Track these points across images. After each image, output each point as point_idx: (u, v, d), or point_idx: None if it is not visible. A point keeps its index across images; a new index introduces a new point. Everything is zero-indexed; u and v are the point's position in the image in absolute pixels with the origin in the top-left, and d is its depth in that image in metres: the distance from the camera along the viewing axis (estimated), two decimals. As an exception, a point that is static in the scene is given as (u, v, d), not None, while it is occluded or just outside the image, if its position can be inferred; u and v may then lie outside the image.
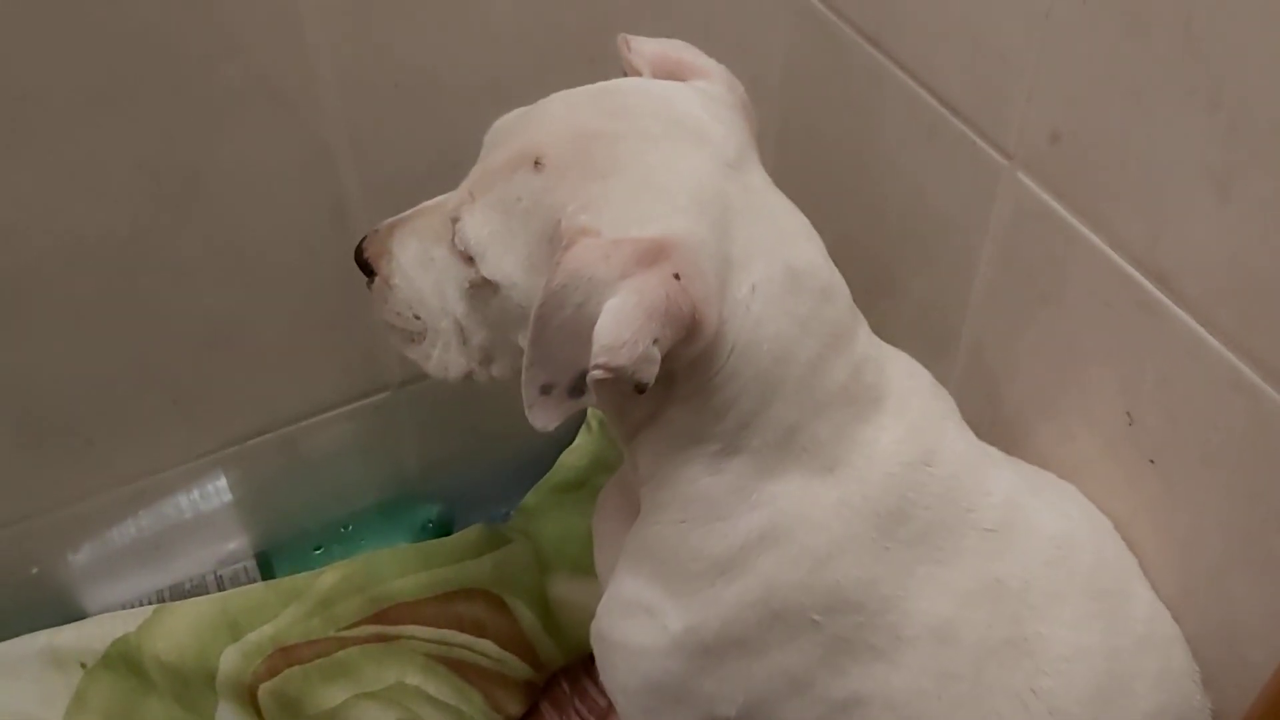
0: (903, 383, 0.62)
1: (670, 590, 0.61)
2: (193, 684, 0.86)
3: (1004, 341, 0.74)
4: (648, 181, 0.54)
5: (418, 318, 0.63)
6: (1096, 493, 0.67)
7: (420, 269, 0.62)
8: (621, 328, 0.49)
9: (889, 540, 0.58)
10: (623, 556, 0.64)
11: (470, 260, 0.58)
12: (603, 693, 0.92)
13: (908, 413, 0.61)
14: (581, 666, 0.94)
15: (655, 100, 0.59)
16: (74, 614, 0.90)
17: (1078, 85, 0.61)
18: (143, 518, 0.90)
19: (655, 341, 0.50)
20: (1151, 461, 0.63)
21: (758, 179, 0.59)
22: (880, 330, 0.65)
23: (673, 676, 0.61)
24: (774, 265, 0.56)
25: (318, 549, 0.97)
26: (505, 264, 0.57)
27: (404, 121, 0.79)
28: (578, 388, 0.53)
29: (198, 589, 0.94)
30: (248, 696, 0.86)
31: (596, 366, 0.50)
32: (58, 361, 0.78)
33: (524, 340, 0.54)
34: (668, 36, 0.72)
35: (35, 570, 0.88)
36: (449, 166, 0.62)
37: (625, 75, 0.64)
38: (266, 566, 0.96)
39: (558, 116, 0.58)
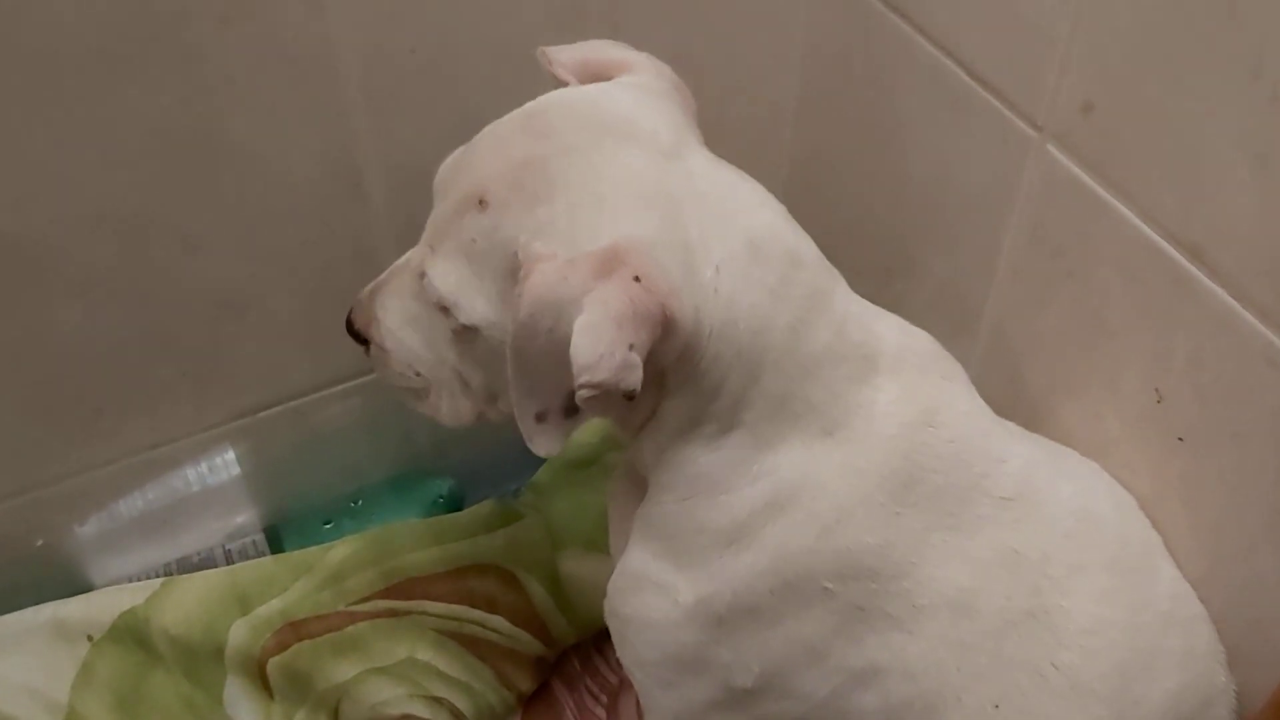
0: (897, 339, 0.62)
1: (679, 564, 0.61)
2: (201, 657, 0.86)
3: (1028, 318, 0.73)
4: (587, 194, 0.55)
5: (418, 374, 0.64)
6: (1122, 471, 0.66)
7: (407, 327, 0.63)
8: (596, 343, 0.50)
9: (898, 504, 0.58)
10: (631, 535, 0.64)
11: (446, 310, 0.59)
12: (614, 670, 0.92)
13: (904, 371, 0.60)
14: (593, 643, 0.93)
15: (579, 109, 0.59)
16: (80, 587, 0.89)
17: (1112, 54, 0.60)
18: (151, 490, 0.89)
19: (631, 347, 0.50)
20: (1180, 439, 0.62)
21: (699, 161, 0.59)
22: (899, 309, 0.64)
23: (687, 648, 0.61)
24: (733, 241, 0.56)
25: (327, 523, 0.96)
26: (478, 307, 0.58)
27: (421, 88, 0.77)
28: (570, 408, 0.54)
29: (206, 562, 0.93)
30: (256, 671, 0.86)
31: (581, 386, 0.50)
32: (67, 330, 0.77)
33: None
34: (688, 11, 0.71)
35: (41, 542, 0.87)
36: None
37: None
38: (275, 540, 0.96)
39: (490, 152, 0.58)
